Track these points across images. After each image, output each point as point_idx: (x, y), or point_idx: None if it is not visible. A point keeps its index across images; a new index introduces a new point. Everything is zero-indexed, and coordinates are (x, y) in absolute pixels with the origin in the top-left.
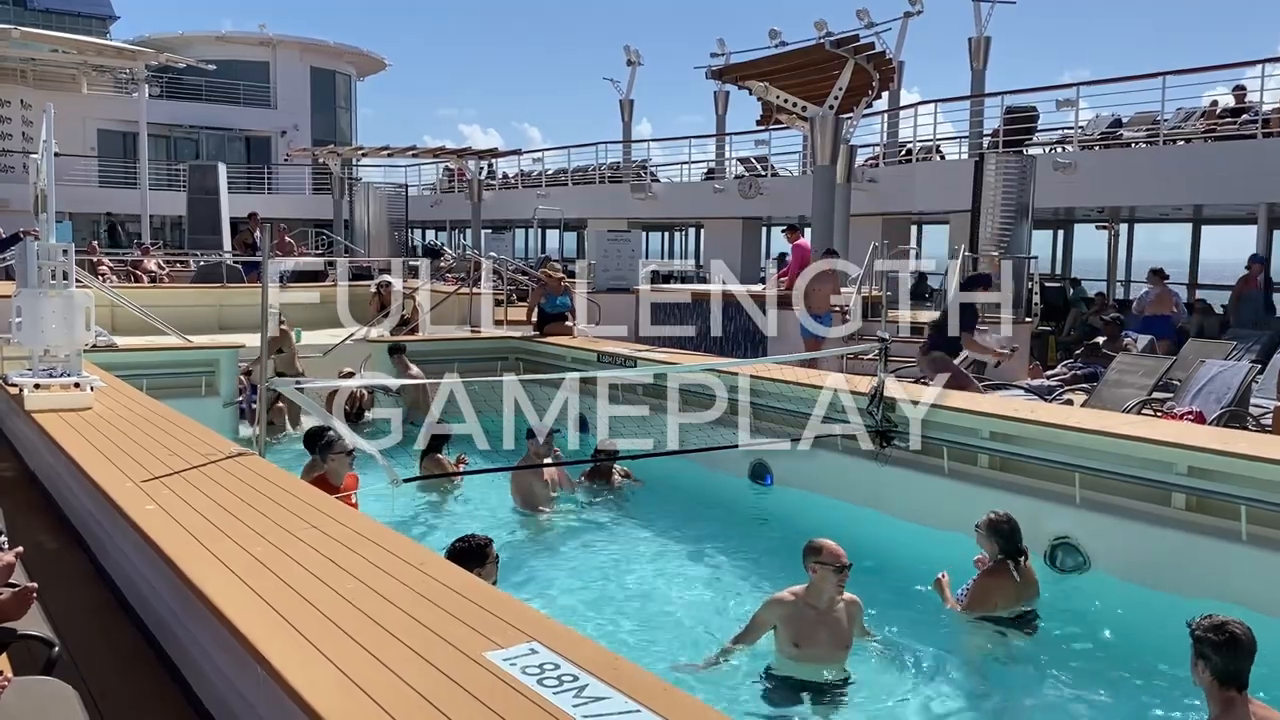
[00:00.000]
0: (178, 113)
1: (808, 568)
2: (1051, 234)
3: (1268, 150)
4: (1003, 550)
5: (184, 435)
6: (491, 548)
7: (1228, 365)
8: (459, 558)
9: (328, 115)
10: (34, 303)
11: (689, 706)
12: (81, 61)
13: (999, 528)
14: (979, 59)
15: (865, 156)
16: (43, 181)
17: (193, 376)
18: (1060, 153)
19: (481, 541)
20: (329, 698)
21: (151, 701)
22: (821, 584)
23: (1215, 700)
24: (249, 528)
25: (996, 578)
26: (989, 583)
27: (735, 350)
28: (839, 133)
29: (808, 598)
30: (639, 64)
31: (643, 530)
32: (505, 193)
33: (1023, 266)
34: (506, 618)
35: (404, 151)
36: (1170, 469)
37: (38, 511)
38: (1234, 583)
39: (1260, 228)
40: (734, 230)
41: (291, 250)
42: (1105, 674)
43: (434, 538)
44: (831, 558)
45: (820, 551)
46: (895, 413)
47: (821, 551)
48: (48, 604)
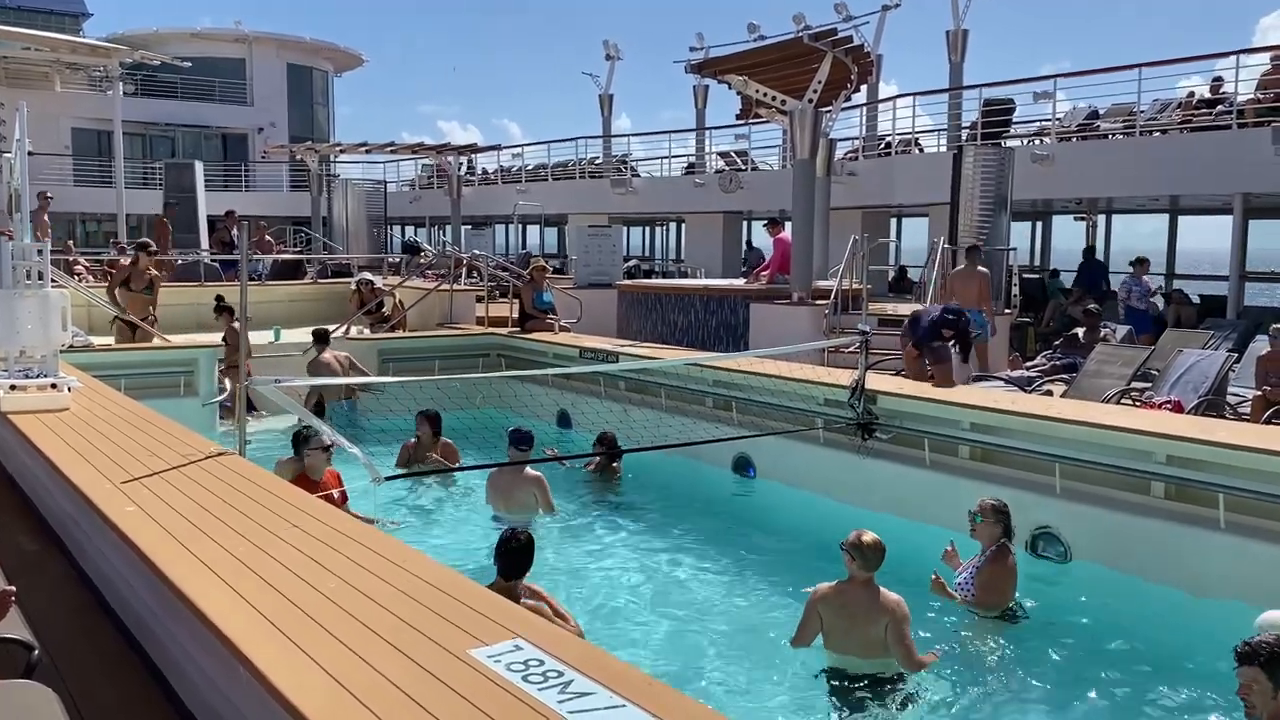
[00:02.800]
0: (153, 110)
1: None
2: (1030, 225)
3: (1243, 141)
4: (1005, 533)
5: (163, 435)
6: (534, 542)
7: (1205, 355)
8: (516, 555)
9: (305, 112)
10: (9, 303)
11: (673, 701)
12: (54, 59)
13: (1001, 511)
14: (957, 52)
15: (845, 150)
16: (16, 181)
17: (171, 376)
18: (1038, 144)
19: (526, 538)
20: (313, 698)
21: (134, 704)
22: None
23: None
24: (230, 528)
25: (1004, 563)
26: (999, 570)
27: (716, 344)
28: (818, 126)
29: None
30: (618, 59)
31: (626, 523)
32: (485, 188)
33: (1002, 258)
34: (491, 615)
35: (382, 148)
36: (1149, 458)
37: (16, 514)
38: (1212, 570)
39: (1235, 218)
40: (715, 224)
41: (270, 248)
42: (1085, 662)
43: (413, 535)
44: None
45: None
46: (876, 405)
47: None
48: (27, 607)
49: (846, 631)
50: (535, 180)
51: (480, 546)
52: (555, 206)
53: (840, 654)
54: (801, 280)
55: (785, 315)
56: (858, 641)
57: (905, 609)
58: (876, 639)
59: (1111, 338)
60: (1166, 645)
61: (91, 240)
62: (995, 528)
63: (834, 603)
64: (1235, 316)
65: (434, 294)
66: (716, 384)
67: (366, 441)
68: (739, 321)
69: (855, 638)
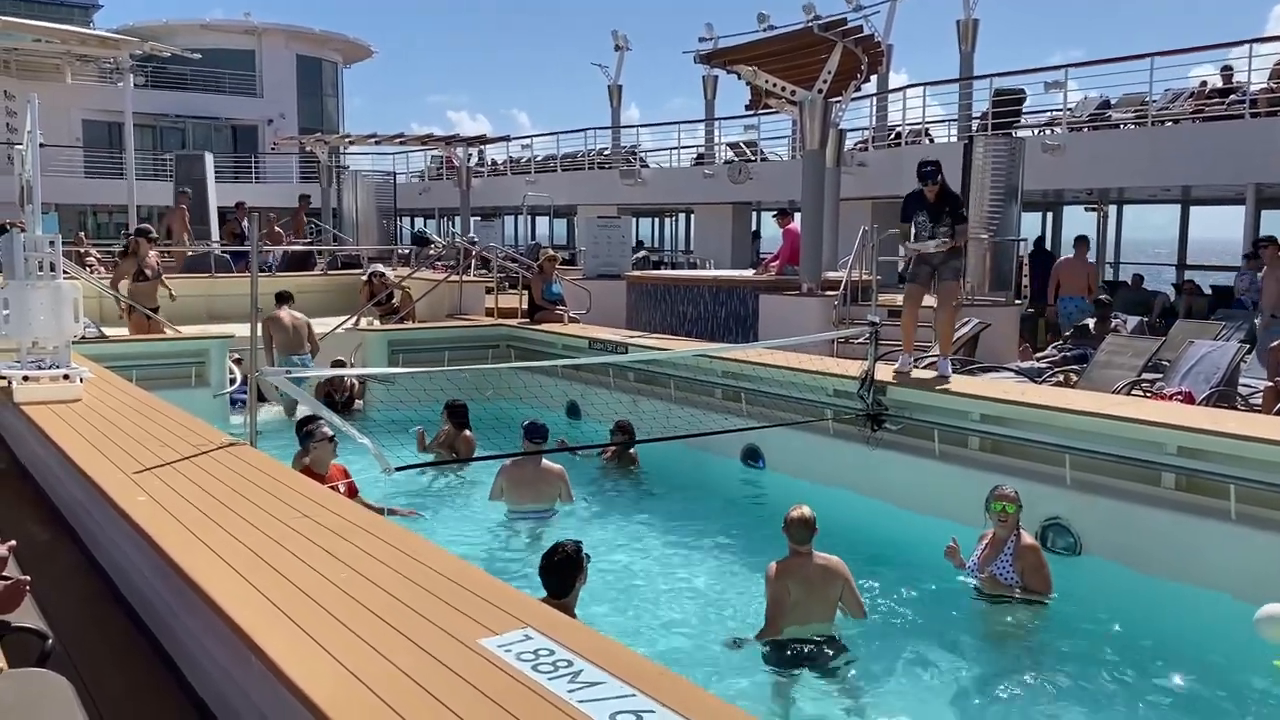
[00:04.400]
0: (163, 102)
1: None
2: (1040, 216)
3: (1256, 130)
4: (1021, 521)
5: (175, 426)
6: (582, 552)
7: (1216, 345)
8: (560, 571)
9: (314, 103)
10: (22, 294)
11: (683, 690)
12: (65, 51)
13: (1018, 499)
14: (967, 41)
15: (854, 140)
16: (28, 173)
17: (182, 367)
18: (1049, 134)
19: (574, 547)
20: (325, 687)
21: (146, 692)
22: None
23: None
24: (241, 518)
25: (1037, 550)
26: (1038, 555)
27: (725, 335)
28: (828, 117)
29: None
30: (627, 49)
31: (636, 514)
32: (494, 180)
33: (1012, 249)
34: (501, 604)
35: (391, 139)
36: (1160, 449)
37: (28, 504)
38: (1222, 562)
39: (1248, 208)
40: (724, 215)
41: (280, 240)
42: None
43: (435, 525)
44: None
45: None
46: (885, 396)
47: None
48: (40, 596)
49: (808, 599)
50: (544, 171)
51: (491, 537)
52: (564, 198)
53: (802, 625)
54: (811, 271)
55: (795, 306)
56: (819, 605)
57: (845, 565)
58: (833, 599)
59: (1122, 328)
60: (1174, 637)
61: (102, 232)
62: (1019, 513)
63: (796, 575)
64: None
65: (443, 285)
66: (726, 375)
67: (376, 433)
68: (748, 313)
69: (816, 603)
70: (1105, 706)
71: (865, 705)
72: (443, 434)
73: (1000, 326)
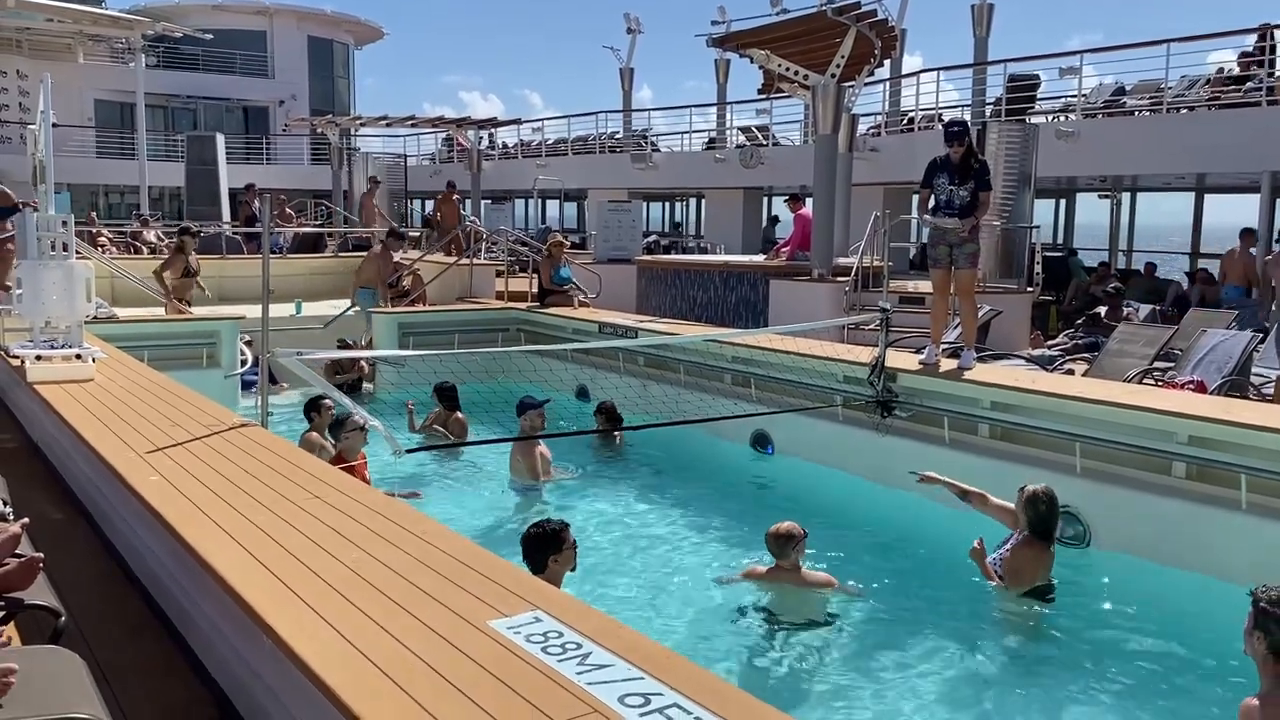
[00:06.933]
0: (175, 83)
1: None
2: (1054, 203)
3: (1272, 118)
4: (1029, 526)
5: (186, 406)
6: (568, 532)
7: (1229, 335)
8: (534, 545)
9: (326, 84)
10: (35, 274)
11: (691, 673)
12: (77, 31)
13: (1036, 504)
14: (981, 26)
15: (867, 125)
16: (41, 152)
17: (194, 348)
18: (1063, 121)
19: (556, 527)
20: (335, 667)
21: (158, 670)
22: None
23: (1267, 674)
24: (252, 498)
25: (1031, 549)
26: (1026, 554)
27: (735, 321)
28: (841, 101)
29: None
30: (639, 32)
31: (645, 499)
32: (505, 163)
33: (1025, 236)
34: (510, 586)
35: (402, 121)
36: (1171, 438)
37: (41, 483)
38: (1234, 551)
39: (1264, 196)
40: (735, 200)
41: (292, 221)
42: (1103, 644)
43: (436, 507)
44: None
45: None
46: (896, 383)
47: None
48: (53, 574)
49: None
50: (555, 154)
51: (498, 517)
52: (575, 181)
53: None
54: (822, 257)
55: (805, 292)
56: (799, 609)
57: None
58: (815, 601)
59: (1134, 317)
60: (1184, 628)
61: (114, 212)
62: (1021, 516)
63: (771, 587)
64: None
65: (454, 268)
66: (735, 360)
67: (385, 415)
68: (758, 298)
69: (793, 608)
70: (1113, 695)
71: (870, 689)
72: (433, 415)
73: (1012, 314)
